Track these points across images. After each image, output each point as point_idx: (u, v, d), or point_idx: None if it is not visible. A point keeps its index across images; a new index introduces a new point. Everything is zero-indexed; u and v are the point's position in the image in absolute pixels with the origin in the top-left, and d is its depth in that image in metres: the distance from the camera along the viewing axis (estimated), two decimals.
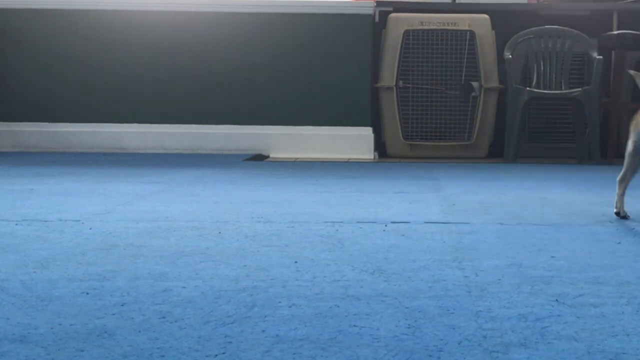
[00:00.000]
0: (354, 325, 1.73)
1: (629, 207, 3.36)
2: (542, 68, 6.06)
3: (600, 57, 5.93)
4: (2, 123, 6.31)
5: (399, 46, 6.16)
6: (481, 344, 1.61)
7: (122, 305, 1.88)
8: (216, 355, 1.53)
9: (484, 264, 2.39)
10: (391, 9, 6.30)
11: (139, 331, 1.67)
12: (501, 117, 6.13)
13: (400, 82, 6.18)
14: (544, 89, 6.02)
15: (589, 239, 2.82)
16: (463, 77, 6.19)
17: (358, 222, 3.12)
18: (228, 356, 1.52)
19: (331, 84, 6.28)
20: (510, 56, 5.96)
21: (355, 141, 6.27)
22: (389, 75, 6.19)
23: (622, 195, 3.35)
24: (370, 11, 6.28)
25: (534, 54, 6.07)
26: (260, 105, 6.30)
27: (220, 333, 1.67)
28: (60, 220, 3.08)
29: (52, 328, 1.69)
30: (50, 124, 6.30)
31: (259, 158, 6.08)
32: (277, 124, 6.28)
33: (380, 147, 6.30)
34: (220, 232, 2.86)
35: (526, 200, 3.80)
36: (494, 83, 6.21)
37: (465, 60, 6.17)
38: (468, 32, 6.16)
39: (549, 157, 6.22)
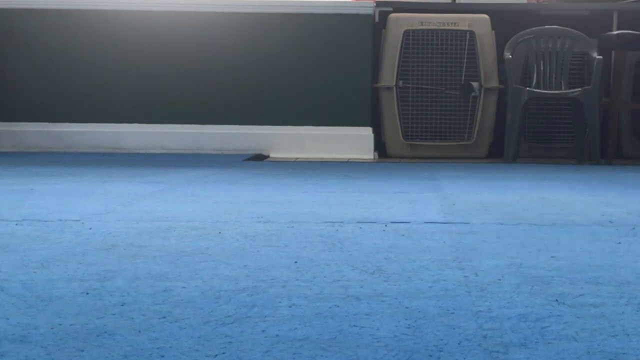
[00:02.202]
0: (354, 325, 1.73)
1: (629, 207, 3.36)
2: (542, 68, 6.06)
3: (600, 57, 5.93)
4: (2, 123, 6.31)
5: (399, 46, 6.16)
6: (481, 344, 1.61)
7: (122, 305, 1.88)
8: (216, 355, 1.53)
9: (484, 264, 2.39)
10: (391, 9, 6.30)
11: (139, 331, 1.67)
12: (501, 117, 6.13)
13: (400, 82, 6.18)
14: (544, 89, 6.02)
15: (589, 239, 2.81)
16: (463, 77, 6.19)
17: (358, 222, 3.12)
18: (228, 356, 1.52)
19: (331, 84, 6.28)
20: (510, 56, 5.96)
21: (355, 141, 6.27)
22: (389, 75, 6.19)
23: None
24: (370, 11, 6.28)
25: (534, 54, 6.07)
26: (260, 105, 6.30)
27: (220, 333, 1.67)
28: (60, 220, 3.08)
29: (52, 328, 1.69)
30: (50, 124, 6.30)
31: (259, 158, 6.08)
32: (277, 124, 6.28)
33: (380, 147, 6.30)
34: (220, 232, 2.86)
35: (526, 200, 3.80)
36: (494, 83, 6.21)
37: (465, 60, 6.17)
38: (468, 32, 6.16)
39: (549, 157, 6.22)
